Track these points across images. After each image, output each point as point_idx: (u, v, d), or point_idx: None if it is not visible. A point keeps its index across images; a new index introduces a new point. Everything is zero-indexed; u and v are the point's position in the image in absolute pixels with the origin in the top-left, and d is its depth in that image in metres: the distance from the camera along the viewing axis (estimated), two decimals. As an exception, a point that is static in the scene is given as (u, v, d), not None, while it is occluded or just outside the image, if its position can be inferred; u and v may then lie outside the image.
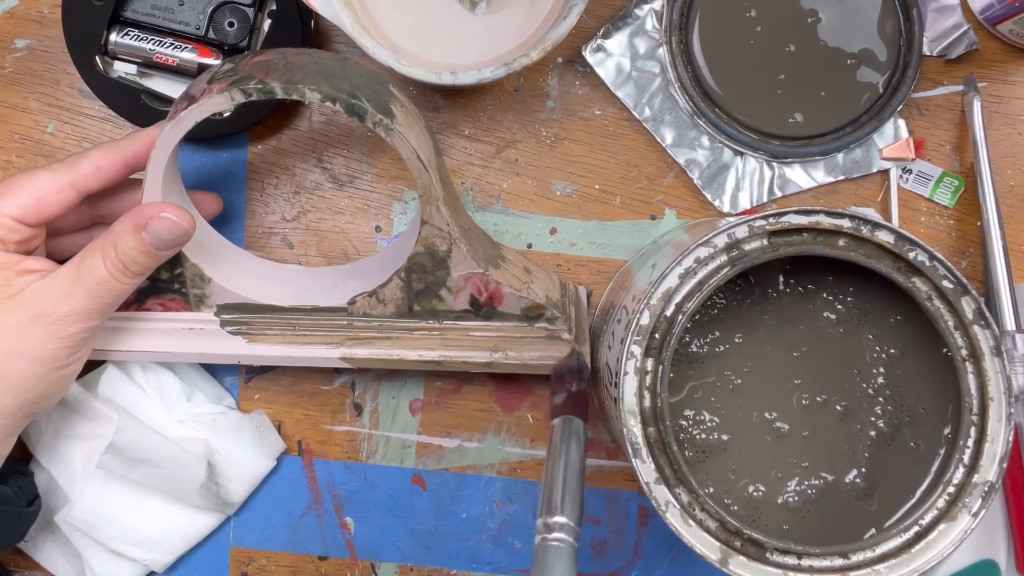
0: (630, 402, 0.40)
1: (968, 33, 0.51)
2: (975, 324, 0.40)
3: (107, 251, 0.43)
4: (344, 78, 0.43)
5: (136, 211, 0.43)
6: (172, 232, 0.43)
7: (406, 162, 0.43)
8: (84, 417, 0.49)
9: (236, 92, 0.41)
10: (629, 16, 0.52)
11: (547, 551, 0.35)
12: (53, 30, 0.53)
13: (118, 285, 0.43)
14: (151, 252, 0.43)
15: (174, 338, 0.47)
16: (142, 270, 0.44)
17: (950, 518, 0.40)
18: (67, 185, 0.44)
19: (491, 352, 0.47)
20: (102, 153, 0.45)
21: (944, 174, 0.52)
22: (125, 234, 0.43)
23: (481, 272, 0.46)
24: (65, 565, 0.52)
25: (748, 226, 0.41)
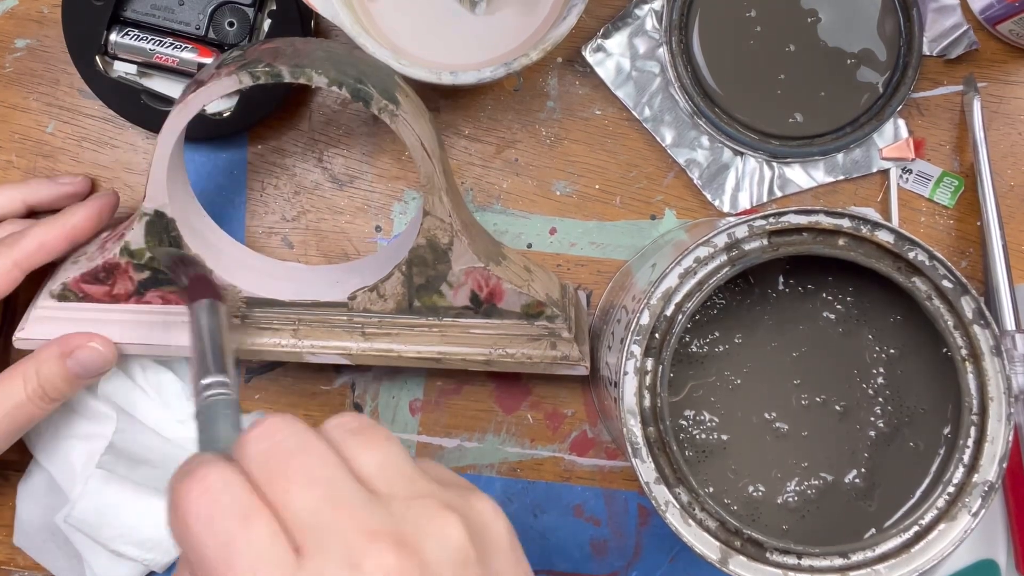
0: (630, 402, 0.40)
1: (968, 33, 0.51)
2: (975, 324, 0.40)
3: (28, 375, 0.44)
4: (351, 65, 0.43)
5: (62, 340, 0.45)
6: (96, 362, 0.46)
7: (410, 151, 0.43)
8: (84, 417, 0.49)
9: (244, 75, 0.41)
10: (629, 16, 0.52)
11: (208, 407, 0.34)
12: (53, 30, 0.53)
13: (34, 410, 0.45)
14: (73, 380, 0.45)
15: (173, 331, 0.47)
16: (61, 397, 0.46)
17: (950, 518, 0.40)
18: (12, 266, 0.45)
19: (491, 349, 0.47)
20: (44, 228, 0.46)
21: (944, 174, 0.52)
22: (49, 361, 0.45)
23: (482, 267, 0.46)
24: (65, 565, 0.52)
25: (748, 226, 0.41)
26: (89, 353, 0.45)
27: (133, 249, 0.46)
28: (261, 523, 0.26)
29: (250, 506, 0.27)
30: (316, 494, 0.27)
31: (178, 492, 0.27)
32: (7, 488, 0.53)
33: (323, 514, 0.27)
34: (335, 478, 0.27)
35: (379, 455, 0.29)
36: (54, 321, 0.47)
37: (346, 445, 0.29)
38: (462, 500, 0.29)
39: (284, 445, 0.28)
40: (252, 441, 0.28)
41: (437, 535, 0.27)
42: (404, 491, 0.28)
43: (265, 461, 0.28)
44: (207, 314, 0.40)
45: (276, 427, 0.28)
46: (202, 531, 0.26)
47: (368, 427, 0.30)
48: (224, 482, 0.27)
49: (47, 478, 0.50)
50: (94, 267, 0.46)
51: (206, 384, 0.35)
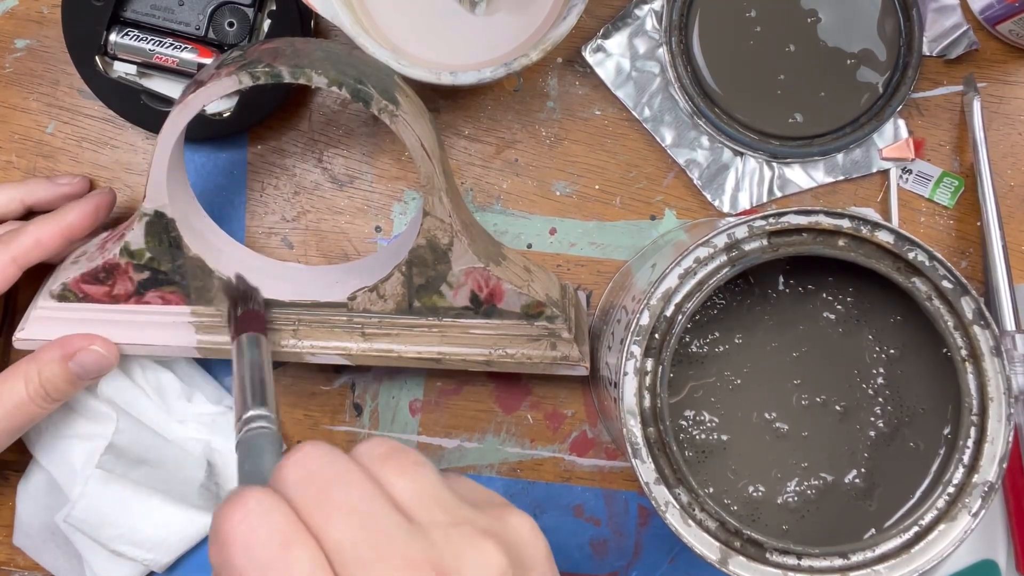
0: (630, 402, 0.40)
1: (968, 33, 0.51)
2: (975, 324, 0.40)
3: (30, 376, 0.45)
4: (351, 65, 0.43)
5: (64, 341, 0.46)
6: (98, 364, 0.46)
7: (410, 151, 0.43)
8: (84, 417, 0.49)
9: (244, 75, 0.41)
10: (629, 16, 0.52)
11: (250, 440, 0.35)
12: (53, 30, 0.53)
13: (35, 409, 0.45)
14: (74, 381, 0.46)
15: (173, 332, 0.47)
16: (62, 397, 0.46)
17: (950, 518, 0.40)
18: (9, 262, 0.46)
19: (490, 350, 0.47)
20: (41, 226, 0.47)
21: (944, 174, 0.52)
22: (51, 363, 0.45)
23: (482, 267, 0.46)
24: (65, 565, 0.52)
25: (748, 226, 0.41)
26: (91, 355, 0.46)
27: (133, 249, 0.46)
28: (302, 550, 0.26)
29: (291, 533, 0.27)
30: (356, 524, 0.27)
31: (219, 518, 0.27)
32: (7, 488, 0.53)
33: (364, 545, 0.27)
34: (374, 507, 0.28)
35: (414, 482, 0.29)
36: (54, 321, 0.47)
37: (380, 472, 0.29)
38: (499, 522, 0.29)
39: (323, 474, 0.28)
40: (290, 469, 0.28)
41: (477, 563, 0.27)
42: (442, 518, 0.28)
43: (304, 490, 0.28)
44: (252, 347, 0.42)
45: (314, 455, 0.29)
46: (242, 557, 0.26)
47: (398, 452, 0.30)
48: (264, 508, 0.27)
49: (47, 478, 0.50)
50: (94, 267, 0.46)
51: (248, 417, 0.36)
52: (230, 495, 0.29)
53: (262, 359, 0.41)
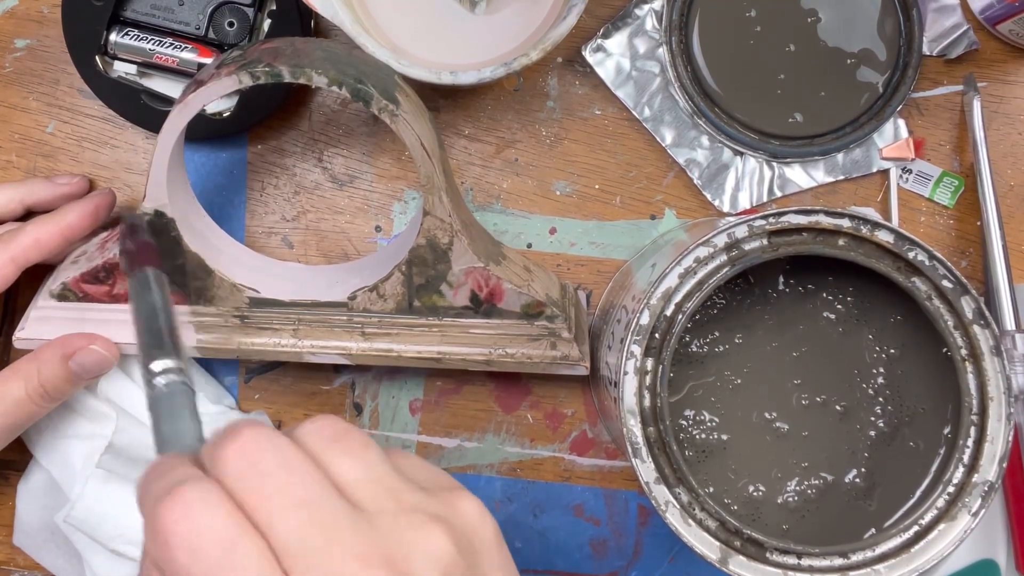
0: (630, 402, 0.40)
1: (968, 33, 0.51)
2: (975, 324, 0.40)
3: (30, 375, 0.45)
4: (351, 65, 0.43)
5: (64, 340, 0.46)
6: (98, 363, 0.46)
7: (410, 150, 0.43)
8: (84, 417, 0.49)
9: (244, 75, 0.41)
10: (629, 16, 0.52)
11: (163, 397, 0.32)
12: (53, 30, 0.53)
13: (35, 408, 0.45)
14: (74, 380, 0.46)
15: None
16: (61, 396, 0.46)
17: (950, 518, 0.40)
18: (8, 261, 0.46)
19: (490, 349, 0.47)
20: (39, 225, 0.47)
21: (944, 174, 0.52)
22: (51, 362, 0.45)
23: (482, 267, 0.46)
24: (65, 565, 0.52)
25: (748, 226, 0.41)
26: (91, 355, 0.46)
27: (133, 249, 0.46)
28: (250, 550, 0.26)
29: (236, 531, 0.26)
30: (302, 517, 0.26)
31: (158, 514, 0.26)
32: (7, 488, 0.53)
33: (311, 539, 0.26)
34: (320, 498, 0.27)
35: (360, 465, 0.28)
36: (54, 321, 0.47)
37: (325, 454, 0.28)
38: (447, 506, 0.29)
39: (266, 462, 0.27)
40: (231, 456, 0.27)
41: (426, 551, 0.27)
42: (389, 505, 0.28)
43: (248, 481, 0.27)
44: (154, 286, 0.37)
45: (255, 441, 0.28)
46: (187, 558, 0.26)
47: (345, 433, 0.29)
48: (207, 505, 0.26)
49: (47, 478, 0.50)
50: (94, 267, 0.46)
51: (159, 369, 0.33)
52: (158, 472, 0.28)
53: (164, 300, 0.37)
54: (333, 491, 0.27)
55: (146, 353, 0.33)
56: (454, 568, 0.27)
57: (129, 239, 0.41)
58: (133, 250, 0.40)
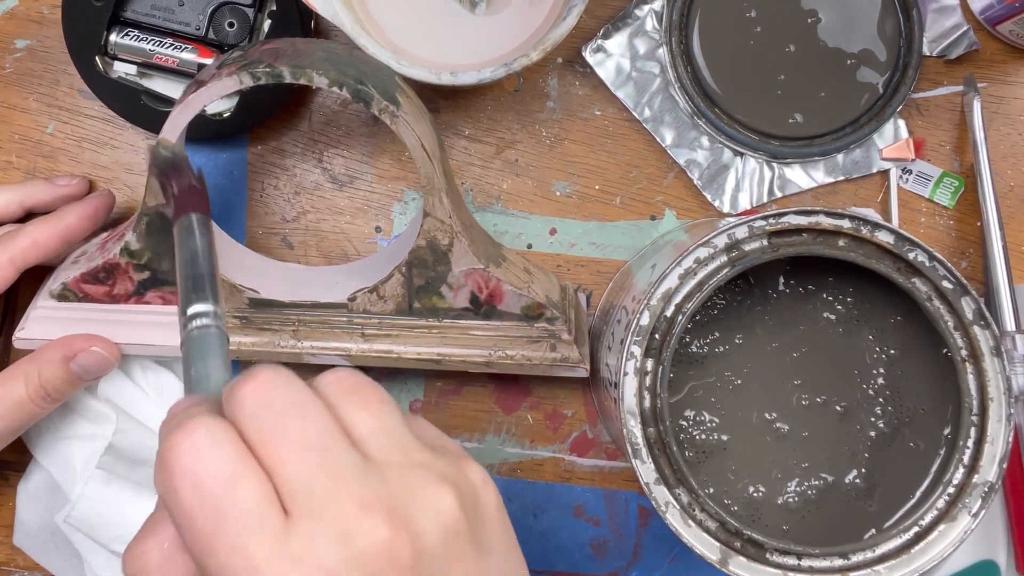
0: (630, 402, 0.40)
1: (968, 33, 0.51)
2: (975, 324, 0.40)
3: (30, 376, 0.45)
4: (351, 65, 0.43)
5: (65, 342, 0.46)
6: (99, 365, 0.46)
7: (410, 150, 0.43)
8: (84, 418, 0.49)
9: (245, 75, 0.41)
10: (629, 16, 0.52)
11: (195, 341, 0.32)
12: (53, 30, 0.53)
13: (35, 409, 0.45)
14: (75, 382, 0.46)
15: (173, 332, 0.47)
16: (62, 397, 0.46)
17: (950, 518, 0.40)
18: (6, 262, 0.46)
19: (490, 351, 0.47)
20: (38, 226, 0.47)
21: (944, 174, 0.52)
22: (52, 363, 0.45)
23: (482, 268, 0.46)
24: (65, 565, 0.52)
25: (748, 227, 0.41)
26: (92, 356, 0.46)
27: (133, 249, 0.46)
28: (250, 486, 0.26)
29: (240, 468, 0.26)
30: (311, 460, 0.26)
31: (166, 446, 0.26)
32: (7, 488, 0.53)
33: (317, 481, 0.26)
34: (331, 443, 0.27)
35: (375, 418, 0.28)
36: (54, 321, 0.47)
37: (341, 405, 0.28)
38: (455, 469, 0.29)
39: (280, 403, 0.27)
40: (246, 394, 0.27)
41: (430, 507, 0.27)
42: (399, 458, 0.28)
43: (260, 420, 0.27)
44: (198, 232, 0.37)
45: (272, 383, 0.28)
46: (189, 490, 0.26)
47: (364, 386, 0.29)
48: (214, 439, 0.26)
49: (47, 478, 0.50)
50: (94, 267, 0.46)
51: (194, 313, 0.33)
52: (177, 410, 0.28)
53: (210, 245, 0.37)
54: (344, 439, 0.27)
55: (184, 296, 0.34)
56: (456, 527, 0.27)
57: (174, 182, 0.40)
58: (177, 195, 0.39)
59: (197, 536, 0.26)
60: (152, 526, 0.28)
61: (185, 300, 0.33)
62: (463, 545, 0.28)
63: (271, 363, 0.29)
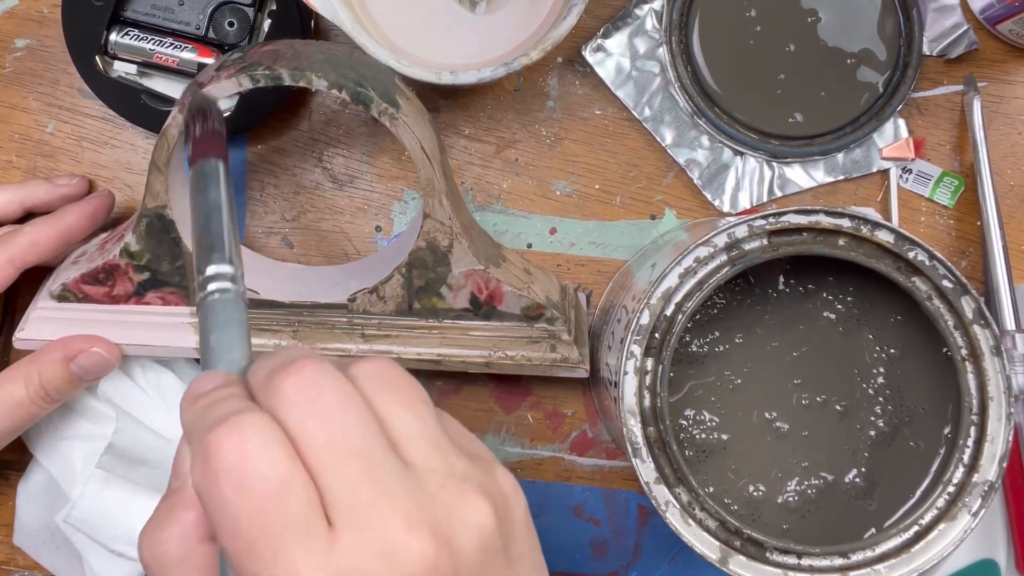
0: (630, 402, 0.40)
1: (968, 33, 0.51)
2: (975, 324, 0.40)
3: (31, 376, 0.45)
4: (351, 67, 0.43)
5: (66, 342, 0.45)
6: (99, 365, 0.46)
7: (410, 152, 0.43)
8: (84, 417, 0.49)
9: (244, 78, 0.41)
10: (629, 16, 0.52)
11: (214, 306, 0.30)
12: (53, 30, 0.53)
13: (35, 409, 0.45)
14: (75, 382, 0.46)
15: (173, 332, 0.47)
16: (62, 398, 0.46)
17: (950, 518, 0.40)
18: (5, 262, 0.46)
19: (490, 351, 0.47)
20: (37, 227, 0.47)
21: (944, 174, 0.52)
22: (52, 363, 0.45)
23: (482, 269, 0.46)
24: (65, 565, 0.52)
25: (748, 226, 0.41)
26: (92, 357, 0.46)
27: (133, 250, 0.46)
28: (299, 495, 0.25)
29: (289, 473, 0.25)
30: (356, 468, 0.26)
31: (210, 442, 0.25)
32: (7, 488, 0.53)
33: (362, 493, 0.26)
34: (375, 450, 0.26)
35: (416, 421, 0.28)
36: (54, 322, 0.47)
37: (382, 403, 0.28)
38: (489, 478, 0.28)
39: (325, 404, 0.26)
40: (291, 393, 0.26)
41: (470, 523, 0.27)
42: (439, 466, 0.27)
43: (304, 420, 0.26)
44: (216, 181, 0.34)
45: (317, 379, 0.27)
46: (234, 491, 0.25)
47: (405, 385, 0.29)
48: (262, 441, 0.25)
49: (47, 478, 0.50)
50: (94, 268, 0.46)
51: (213, 274, 0.31)
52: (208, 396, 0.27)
53: (227, 198, 0.33)
54: (387, 444, 0.27)
55: (201, 254, 0.31)
56: (492, 542, 0.27)
57: (198, 123, 0.37)
58: (199, 136, 0.36)
59: (238, 537, 0.25)
60: (169, 512, 0.27)
61: (202, 259, 0.31)
62: (497, 559, 0.27)
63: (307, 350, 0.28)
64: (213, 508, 0.26)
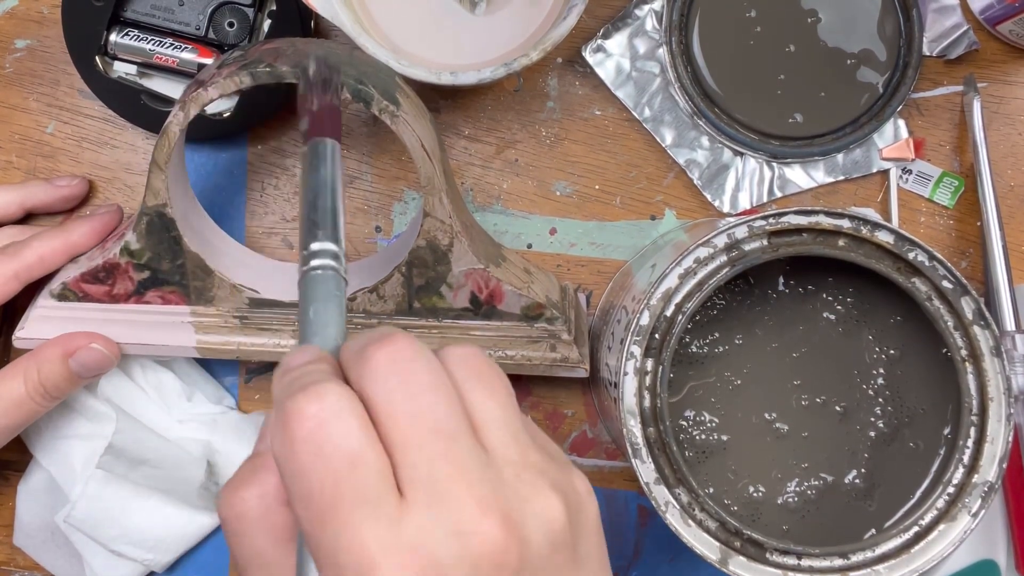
0: (630, 402, 0.40)
1: (968, 33, 0.51)
2: (975, 324, 0.40)
3: (30, 373, 0.45)
4: (352, 65, 0.43)
5: (65, 339, 0.46)
6: (99, 362, 0.46)
7: (410, 151, 0.43)
8: (84, 417, 0.49)
9: (245, 75, 0.41)
10: (629, 16, 0.52)
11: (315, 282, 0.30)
12: (53, 30, 0.53)
13: (34, 407, 0.45)
14: (74, 380, 0.46)
15: (172, 331, 0.47)
16: (61, 395, 0.46)
17: (950, 518, 0.40)
18: (11, 277, 0.46)
19: (490, 351, 0.47)
20: (45, 242, 0.47)
21: (944, 174, 0.52)
22: (51, 360, 0.45)
23: (482, 268, 0.46)
24: (65, 565, 0.52)
25: (748, 226, 0.41)
26: (91, 354, 0.46)
27: (133, 249, 0.46)
28: (373, 467, 0.25)
29: (364, 446, 0.25)
30: (437, 446, 0.26)
31: (291, 408, 0.26)
32: (7, 488, 0.53)
33: (440, 471, 0.26)
34: (458, 431, 0.26)
35: (500, 410, 0.28)
36: (54, 320, 0.47)
37: (468, 388, 0.28)
38: (565, 478, 0.28)
39: (414, 380, 0.26)
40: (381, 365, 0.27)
41: (541, 515, 0.27)
42: (516, 456, 0.27)
43: (391, 393, 0.26)
44: (330, 160, 0.34)
45: (408, 353, 0.27)
46: (310, 459, 0.25)
47: (493, 375, 0.29)
48: (342, 411, 0.26)
49: (47, 478, 0.50)
50: (94, 267, 0.46)
51: (317, 250, 0.31)
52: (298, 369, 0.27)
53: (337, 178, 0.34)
54: (469, 428, 0.27)
55: (307, 230, 0.32)
56: (562, 539, 0.27)
57: (316, 96, 0.36)
58: (316, 112, 0.35)
59: (310, 505, 0.25)
60: (253, 473, 0.28)
61: (308, 234, 0.31)
62: (564, 556, 0.27)
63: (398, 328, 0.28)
64: (288, 475, 0.26)
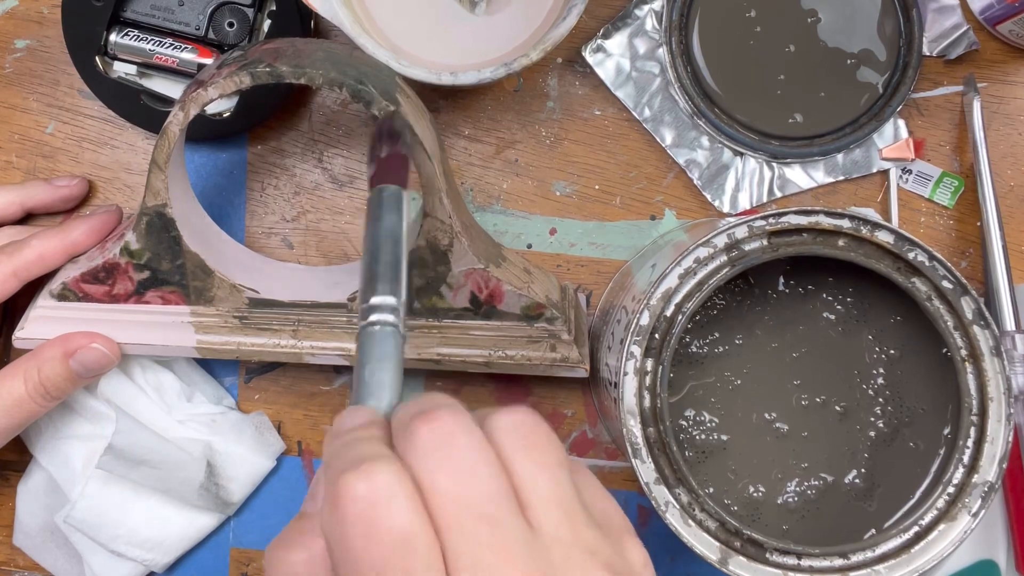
0: (630, 402, 0.40)
1: (968, 33, 0.51)
2: (975, 324, 0.40)
3: (30, 373, 0.45)
4: (351, 66, 0.43)
5: (65, 339, 0.46)
6: (99, 362, 0.46)
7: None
8: (84, 417, 0.49)
9: (245, 75, 0.41)
10: (629, 16, 0.52)
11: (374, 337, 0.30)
12: (53, 30, 0.53)
13: (34, 407, 0.45)
14: (74, 380, 0.46)
15: (172, 331, 0.47)
16: (61, 395, 0.46)
17: (950, 518, 0.40)
18: (10, 274, 0.46)
19: (490, 351, 0.47)
20: (44, 240, 0.47)
21: (944, 174, 0.52)
22: (52, 360, 0.45)
23: (482, 268, 0.46)
24: (65, 565, 0.52)
25: (748, 226, 0.41)
26: (92, 353, 0.46)
27: (133, 249, 0.46)
28: (423, 552, 0.25)
29: (417, 529, 0.25)
30: (482, 534, 0.26)
31: (341, 485, 0.26)
32: (7, 488, 0.53)
33: (485, 558, 0.25)
34: (503, 515, 0.26)
35: (549, 483, 0.27)
36: (54, 321, 0.47)
37: (516, 462, 0.27)
38: (617, 553, 0.28)
39: (457, 458, 0.26)
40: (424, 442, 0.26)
41: None
42: (566, 535, 0.27)
43: (434, 472, 0.26)
44: (393, 209, 0.33)
45: (452, 430, 0.27)
46: (360, 538, 0.25)
47: (543, 442, 0.28)
48: (392, 492, 0.25)
49: (47, 478, 0.50)
50: (94, 267, 0.46)
51: (375, 305, 0.30)
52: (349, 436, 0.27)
53: (402, 228, 0.33)
54: (515, 507, 0.27)
55: (367, 282, 0.31)
56: None
57: (385, 144, 0.36)
58: (384, 158, 0.35)
59: None
60: (301, 536, 0.27)
61: (368, 287, 0.31)
62: None
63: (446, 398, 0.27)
64: (338, 552, 0.26)
